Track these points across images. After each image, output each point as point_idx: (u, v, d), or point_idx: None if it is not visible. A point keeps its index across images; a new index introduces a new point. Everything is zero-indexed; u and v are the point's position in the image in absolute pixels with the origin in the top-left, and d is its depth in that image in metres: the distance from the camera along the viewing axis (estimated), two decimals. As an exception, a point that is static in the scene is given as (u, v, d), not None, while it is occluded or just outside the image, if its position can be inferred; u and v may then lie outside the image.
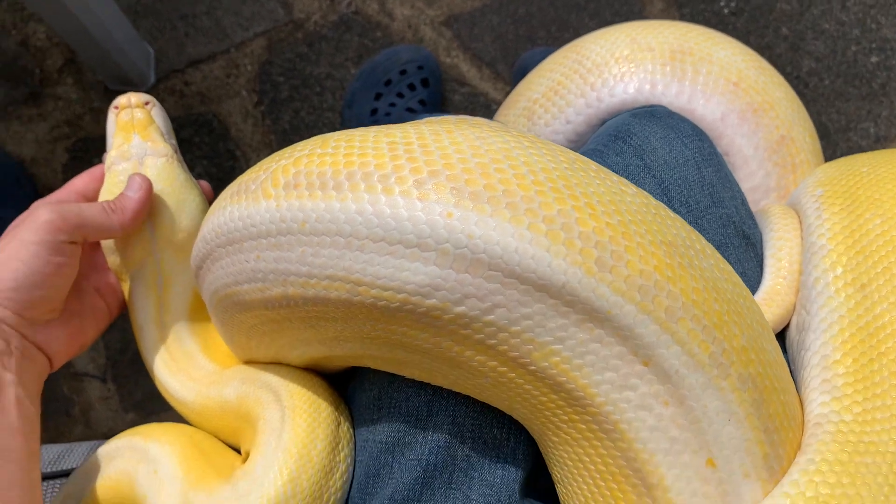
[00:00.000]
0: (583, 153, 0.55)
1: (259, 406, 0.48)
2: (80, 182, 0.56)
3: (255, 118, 1.12)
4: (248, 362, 0.53)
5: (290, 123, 1.12)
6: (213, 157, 1.10)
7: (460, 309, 0.34)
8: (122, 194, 0.51)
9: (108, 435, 0.55)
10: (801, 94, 1.13)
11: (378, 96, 1.08)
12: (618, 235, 0.34)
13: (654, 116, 0.54)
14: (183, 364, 0.55)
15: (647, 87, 0.61)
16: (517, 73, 1.10)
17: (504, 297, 0.34)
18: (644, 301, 0.33)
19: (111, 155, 0.54)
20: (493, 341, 0.35)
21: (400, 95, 1.08)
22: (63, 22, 0.92)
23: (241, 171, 1.07)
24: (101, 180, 0.55)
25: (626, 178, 0.51)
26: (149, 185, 0.52)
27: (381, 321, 0.37)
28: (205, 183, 0.59)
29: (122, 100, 0.56)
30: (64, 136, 1.10)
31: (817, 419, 0.38)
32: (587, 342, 0.34)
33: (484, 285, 0.33)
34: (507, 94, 1.05)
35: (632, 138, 0.53)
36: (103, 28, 0.96)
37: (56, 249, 0.46)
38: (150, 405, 1.05)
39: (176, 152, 0.55)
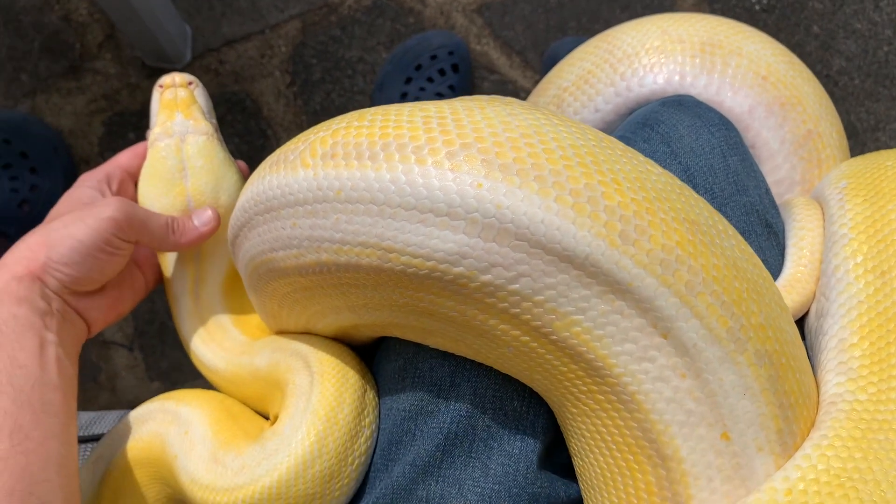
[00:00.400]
0: (611, 138, 0.56)
1: (289, 372, 0.49)
2: (125, 158, 0.58)
3: (288, 98, 1.13)
4: (279, 333, 0.55)
5: (321, 105, 1.13)
6: (245, 134, 1.12)
7: (486, 277, 0.35)
8: (189, 220, 0.54)
9: (133, 402, 0.57)
10: (831, 93, 1.12)
11: (408, 80, 1.09)
12: (642, 210, 0.35)
13: (682, 105, 0.55)
14: (216, 335, 0.57)
15: (677, 77, 0.62)
16: (547, 63, 1.10)
17: (529, 267, 0.34)
18: (665, 274, 0.34)
19: (155, 131, 0.56)
20: (516, 310, 0.36)
21: (430, 80, 1.09)
22: (108, -5, 0.95)
23: (272, 149, 1.08)
24: (143, 157, 0.57)
25: (653, 163, 0.52)
26: (216, 224, 0.55)
27: (409, 288, 0.38)
28: (242, 163, 0.61)
29: (166, 79, 0.57)
30: (101, 110, 1.13)
31: (832, 398, 0.38)
32: (608, 313, 0.35)
33: (510, 254, 0.34)
34: (537, 82, 1.06)
35: (659, 126, 0.54)
36: (146, 4, 0.97)
37: (112, 243, 0.49)
38: (175, 375, 1.07)
39: (216, 131, 0.57)
